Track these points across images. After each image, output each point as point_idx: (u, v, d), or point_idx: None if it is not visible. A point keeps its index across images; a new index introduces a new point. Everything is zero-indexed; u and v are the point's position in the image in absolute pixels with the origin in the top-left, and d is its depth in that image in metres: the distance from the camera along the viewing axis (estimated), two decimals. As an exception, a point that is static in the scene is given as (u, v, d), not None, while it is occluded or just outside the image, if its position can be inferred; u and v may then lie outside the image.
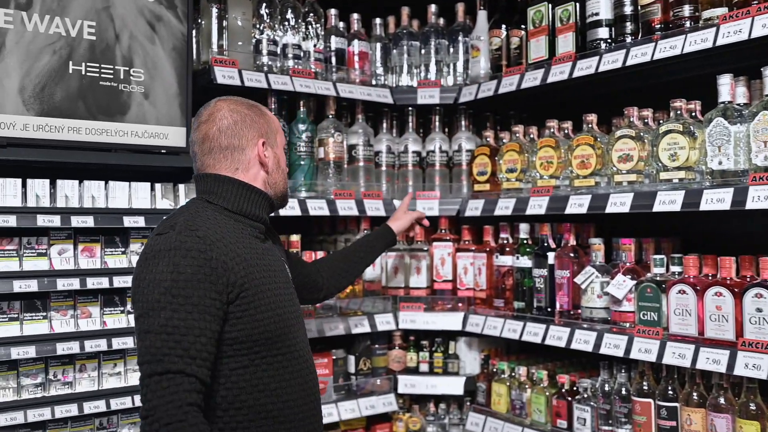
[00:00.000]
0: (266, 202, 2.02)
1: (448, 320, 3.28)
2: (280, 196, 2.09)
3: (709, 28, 2.33)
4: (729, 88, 2.32)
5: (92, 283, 2.52)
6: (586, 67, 2.72)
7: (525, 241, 3.06)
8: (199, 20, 3.00)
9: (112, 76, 2.60)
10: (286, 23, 3.13)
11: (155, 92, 2.70)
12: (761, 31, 2.18)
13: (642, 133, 2.57)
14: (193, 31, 2.96)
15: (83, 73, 2.54)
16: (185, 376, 1.63)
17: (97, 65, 2.57)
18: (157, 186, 2.76)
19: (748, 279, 2.29)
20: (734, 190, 2.22)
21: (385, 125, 3.52)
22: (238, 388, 1.78)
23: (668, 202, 2.40)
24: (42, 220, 2.41)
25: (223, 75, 2.86)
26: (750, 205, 2.17)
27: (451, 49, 3.47)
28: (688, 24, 2.44)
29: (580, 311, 2.80)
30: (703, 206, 2.30)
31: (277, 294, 1.90)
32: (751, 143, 2.21)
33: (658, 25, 2.54)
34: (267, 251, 1.97)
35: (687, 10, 2.45)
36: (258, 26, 3.06)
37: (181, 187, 2.81)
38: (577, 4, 2.83)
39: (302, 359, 1.94)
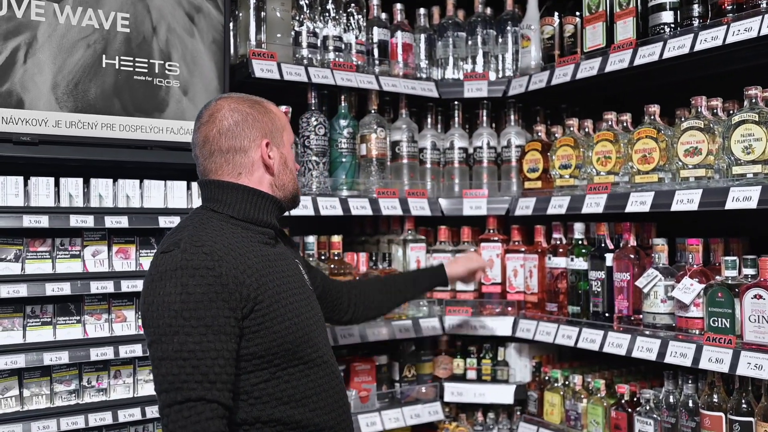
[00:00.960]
0: (274, 206, 1.92)
1: (497, 325, 3.12)
2: (290, 198, 1.99)
3: (790, 7, 2.13)
4: (812, 73, 2.11)
5: (127, 285, 2.43)
6: (648, 54, 2.53)
7: (580, 242, 2.87)
8: (237, 12, 2.89)
9: (147, 71, 2.50)
10: (327, 14, 3.00)
11: (193, 87, 2.61)
12: None
13: (712, 124, 2.37)
14: (231, 24, 2.86)
15: (117, 67, 2.44)
16: (207, 403, 1.57)
17: (132, 59, 2.48)
18: (194, 185, 2.65)
19: (833, 283, 2.08)
20: (821, 186, 2.02)
21: (429, 120, 3.37)
22: (262, 403, 1.71)
23: (743, 198, 2.20)
24: (75, 221, 2.33)
25: (262, 68, 2.74)
26: (839, 201, 1.96)
27: (500, 40, 3.30)
28: (764, 4, 2.23)
29: (641, 317, 2.61)
30: (784, 203, 2.09)
31: (294, 301, 1.82)
32: (839, 133, 2.00)
33: (729, 6, 2.34)
34: (279, 257, 1.88)
35: (763, -12, 2.24)
36: (297, 18, 2.94)
37: (219, 185, 2.69)
38: (639, -13, 2.64)
39: (326, 365, 1.87)
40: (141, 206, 2.53)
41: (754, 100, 2.27)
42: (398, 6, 3.27)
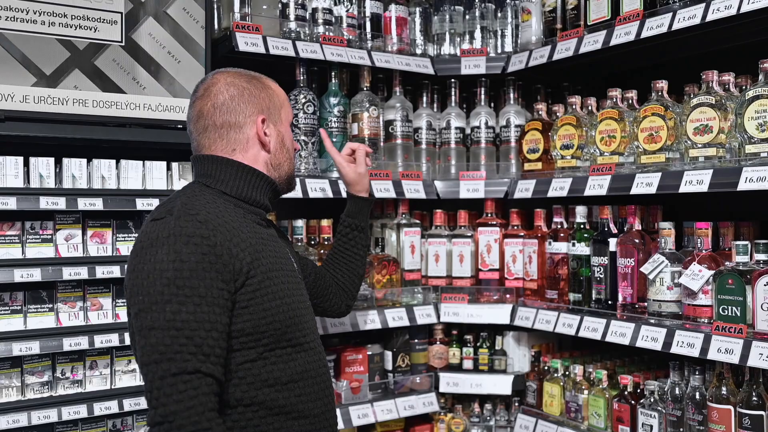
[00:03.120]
0: (268, 187, 1.86)
1: (495, 313, 2.99)
2: (285, 179, 1.92)
3: (811, -28, 1.98)
4: (833, 44, 1.96)
5: (102, 272, 2.30)
6: (656, 25, 2.38)
7: (582, 226, 2.74)
8: (221, -17, 2.74)
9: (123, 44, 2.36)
10: (316, -15, 2.85)
11: (171, 61, 2.45)
12: None
13: (724, 100, 2.23)
14: (215, -4, 2.71)
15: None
16: (203, 377, 1.49)
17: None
18: (174, 165, 2.52)
19: None
20: (841, 165, 1.88)
21: (425, 99, 3.22)
22: (246, 384, 1.63)
23: (756, 179, 2.06)
24: (45, 203, 2.19)
25: (246, 42, 2.59)
26: None
27: (499, 14, 3.15)
28: (778, -29, 2.08)
29: (645, 305, 2.48)
30: (801, 184, 1.96)
31: (285, 282, 1.75)
32: None
33: (744, -26, 2.19)
34: (271, 238, 1.81)
35: (781, -47, 2.09)
36: (285, -11, 2.79)
37: (201, 166, 2.56)
38: (645, -44, 2.49)
39: (314, 351, 1.81)
40: (117, 188, 2.40)
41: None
42: (392, -23, 3.12)
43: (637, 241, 2.53)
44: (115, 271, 2.32)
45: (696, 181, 2.24)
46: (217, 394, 1.53)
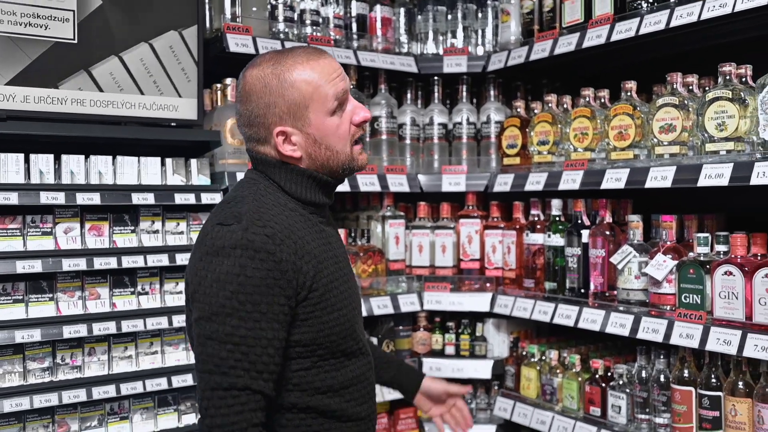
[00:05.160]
0: (322, 185, 1.74)
1: (476, 301, 3.13)
2: (341, 171, 1.75)
3: (763, -17, 2.11)
4: (785, 49, 2.10)
5: (100, 263, 2.41)
6: (625, 29, 2.51)
7: (557, 218, 2.88)
8: (212, -15, 2.85)
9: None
10: (304, -12, 2.96)
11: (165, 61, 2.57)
12: (824, -15, 1.95)
13: (686, 101, 2.36)
14: (206, -2, 2.82)
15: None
16: (251, 394, 1.51)
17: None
18: (168, 161, 2.63)
19: (803, 260, 2.10)
20: (790, 163, 2.02)
21: (409, 96, 3.35)
22: (300, 391, 1.64)
23: (715, 176, 2.20)
24: (45, 198, 2.30)
25: (236, 43, 2.70)
26: (808, 179, 1.96)
27: (480, 14, 3.27)
28: (740, -20, 2.21)
29: (615, 293, 2.63)
30: (754, 180, 2.10)
31: (343, 290, 1.71)
32: (811, 110, 2.00)
33: (706, -18, 2.32)
34: (332, 238, 1.76)
35: (739, -37, 2.22)
36: (274, -9, 2.90)
37: (193, 162, 2.68)
38: (616, -39, 2.61)
39: (364, 356, 1.78)
40: (114, 183, 2.51)
41: (728, 77, 2.26)
42: (377, -21, 3.23)
43: (607, 233, 2.67)
44: (112, 263, 2.44)
45: (661, 177, 2.38)
46: (263, 409, 1.55)
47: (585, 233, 2.73)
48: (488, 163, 3.22)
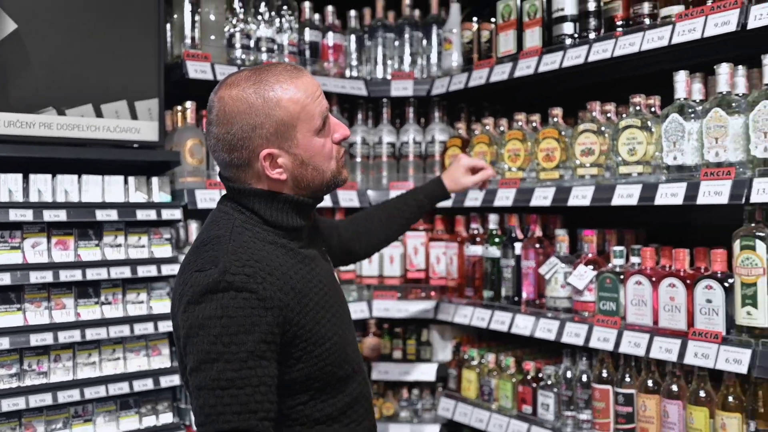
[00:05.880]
0: (302, 208, 1.70)
1: (421, 308, 3.36)
2: (325, 188, 1.73)
3: (666, 26, 2.38)
4: (684, 85, 2.37)
5: (65, 275, 2.58)
6: (550, 62, 2.77)
7: (494, 232, 3.12)
8: (172, 14, 3.03)
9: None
10: (260, 17, 3.17)
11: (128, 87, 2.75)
12: (714, 30, 2.23)
13: (603, 128, 2.63)
14: (167, 25, 3.00)
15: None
16: None
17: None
18: (131, 179, 2.81)
19: (702, 270, 2.36)
20: (687, 185, 2.28)
21: (360, 117, 3.57)
22: (299, 425, 1.63)
23: (626, 195, 2.46)
24: (14, 215, 2.47)
25: (195, 69, 2.90)
26: (701, 200, 2.23)
27: (425, 42, 3.51)
28: (647, 21, 2.49)
29: (545, 300, 2.87)
30: (658, 200, 2.36)
31: (332, 317, 1.69)
32: (704, 139, 2.27)
33: (620, 22, 2.59)
34: (313, 261, 1.72)
35: (646, 7, 2.49)
36: (231, 20, 3.10)
37: (155, 180, 2.86)
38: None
39: (358, 374, 1.77)
40: (79, 200, 2.67)
41: (638, 107, 2.53)
42: (329, 8, 3.46)
43: (537, 245, 2.92)
44: (77, 275, 2.61)
45: (581, 196, 2.63)
46: None
47: (518, 246, 2.97)
48: (433, 180, 3.45)
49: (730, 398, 2.23)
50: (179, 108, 3.02)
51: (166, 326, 2.81)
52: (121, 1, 2.74)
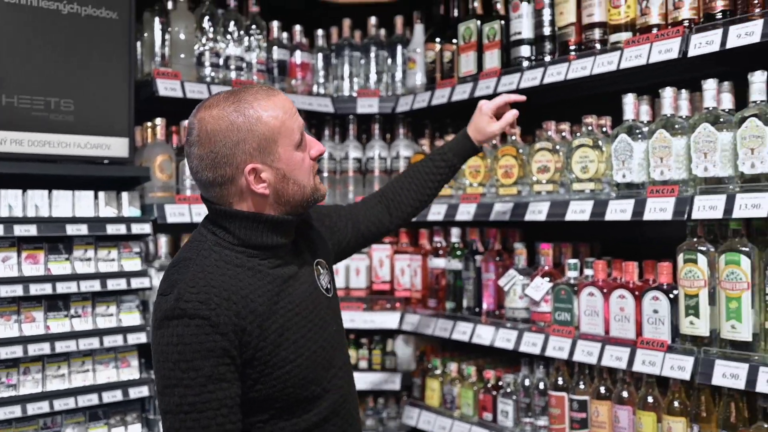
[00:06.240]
0: (281, 227, 1.74)
1: (386, 319, 3.45)
2: (304, 204, 1.78)
3: (615, 51, 2.52)
4: (633, 107, 2.51)
5: (35, 289, 2.62)
6: (508, 83, 2.90)
7: (456, 245, 3.23)
8: (143, 32, 3.10)
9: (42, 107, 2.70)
10: (229, 36, 3.25)
11: (99, 104, 2.81)
12: (658, 57, 2.37)
13: (557, 146, 2.76)
14: (138, 43, 3.07)
15: (16, 105, 2.64)
16: None
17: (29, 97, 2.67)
18: (101, 194, 2.86)
19: (649, 282, 2.50)
20: (635, 202, 2.42)
21: (327, 132, 3.67)
22: None
23: (579, 211, 2.59)
24: (-15, 230, 2.51)
25: (165, 87, 2.97)
26: (647, 216, 2.36)
27: (390, 60, 3.63)
28: (598, 46, 2.63)
29: (504, 311, 2.99)
30: (608, 216, 2.49)
31: (299, 338, 1.71)
32: (650, 159, 2.41)
33: (573, 46, 2.72)
34: (290, 279, 1.76)
35: (597, 33, 2.63)
36: (201, 39, 3.18)
37: (124, 195, 2.92)
38: (503, 23, 3.00)
39: (332, 392, 1.78)
40: (49, 215, 2.72)
41: (590, 128, 2.67)
42: (297, 27, 3.56)
43: (497, 258, 3.04)
44: (47, 288, 2.65)
45: (537, 211, 2.76)
46: None
47: (478, 258, 3.09)
48: (398, 194, 3.56)
49: (675, 403, 2.36)
50: (149, 124, 3.09)
51: (135, 338, 2.87)
52: (92, 24, 2.79)
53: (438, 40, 3.36)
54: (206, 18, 3.19)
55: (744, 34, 2.16)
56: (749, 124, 2.13)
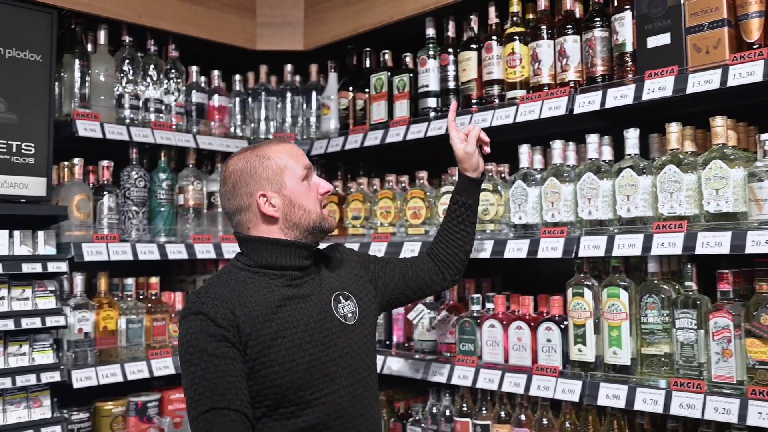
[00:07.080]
0: (289, 250, 2.06)
1: (300, 354, 3.56)
2: (310, 230, 2.10)
3: (512, 106, 2.81)
4: (527, 156, 2.80)
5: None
6: (417, 131, 3.14)
7: (368, 281, 3.41)
8: (63, 73, 3.15)
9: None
10: (149, 79, 3.35)
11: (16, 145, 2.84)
12: (548, 113, 2.67)
13: (461, 190, 3.01)
14: (56, 84, 3.12)
15: None
16: (216, 411, 1.81)
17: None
18: (16, 233, 2.87)
19: (543, 314, 2.76)
20: (530, 242, 2.68)
21: (243, 173, 3.79)
22: None
23: (481, 250, 2.84)
24: None
25: (85, 128, 3.03)
26: (541, 254, 2.63)
27: (305, 105, 3.81)
28: (497, 101, 2.91)
29: (413, 343, 3.18)
30: (507, 254, 2.74)
31: (291, 345, 1.95)
32: (543, 203, 2.69)
33: (475, 100, 3.00)
34: (295, 299, 2.03)
35: (496, 89, 2.92)
36: (121, 81, 3.26)
37: (40, 234, 2.93)
38: (411, 76, 3.26)
39: (325, 405, 1.98)
40: (-37, 253, 2.72)
41: (490, 174, 2.94)
42: (216, 72, 3.69)
43: (406, 294, 3.23)
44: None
45: (443, 250, 2.97)
46: (234, 420, 1.81)
47: (389, 294, 3.28)
48: (312, 233, 3.71)
49: (567, 424, 2.61)
50: (66, 163, 3.12)
51: (48, 377, 2.86)
52: (15, 65, 2.84)
53: (351, 88, 3.58)
54: (126, 61, 3.28)
55: (619, 96, 2.48)
56: (625, 174, 2.45)
